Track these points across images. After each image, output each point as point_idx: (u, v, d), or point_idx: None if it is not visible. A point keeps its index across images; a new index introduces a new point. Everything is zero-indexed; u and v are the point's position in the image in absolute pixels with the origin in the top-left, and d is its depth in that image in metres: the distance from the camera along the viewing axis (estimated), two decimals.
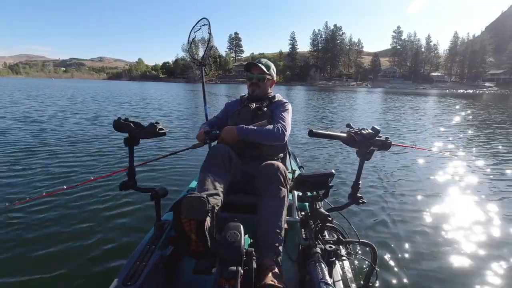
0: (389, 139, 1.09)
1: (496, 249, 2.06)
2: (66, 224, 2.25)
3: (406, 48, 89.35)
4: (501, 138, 6.35)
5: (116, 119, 1.16)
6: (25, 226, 2.19)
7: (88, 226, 2.24)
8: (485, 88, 68.16)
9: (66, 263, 1.79)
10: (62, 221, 2.28)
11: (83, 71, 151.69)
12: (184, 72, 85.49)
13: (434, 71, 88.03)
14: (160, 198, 1.26)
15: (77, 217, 2.37)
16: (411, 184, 3.32)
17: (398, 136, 6.57)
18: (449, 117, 10.62)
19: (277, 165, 1.30)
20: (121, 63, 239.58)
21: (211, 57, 2.27)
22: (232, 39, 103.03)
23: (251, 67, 1.70)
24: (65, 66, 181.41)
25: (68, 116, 8.29)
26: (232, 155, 1.40)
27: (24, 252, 1.89)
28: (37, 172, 3.33)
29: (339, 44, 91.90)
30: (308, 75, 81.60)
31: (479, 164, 4.16)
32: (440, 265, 1.86)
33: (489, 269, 1.84)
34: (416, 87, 70.48)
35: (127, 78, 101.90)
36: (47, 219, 2.31)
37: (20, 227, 2.17)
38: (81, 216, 2.39)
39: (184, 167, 3.74)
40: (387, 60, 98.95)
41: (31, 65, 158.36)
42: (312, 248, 1.12)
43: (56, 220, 2.29)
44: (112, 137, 5.40)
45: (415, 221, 2.43)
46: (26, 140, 4.92)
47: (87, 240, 2.05)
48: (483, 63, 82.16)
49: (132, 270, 1.04)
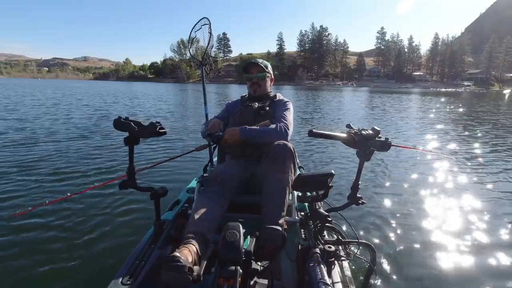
0: (389, 140, 1.10)
1: (496, 249, 2.06)
2: (66, 224, 2.26)
3: (390, 48, 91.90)
4: (499, 137, 6.48)
5: (116, 118, 1.15)
6: (26, 227, 2.18)
7: (88, 226, 2.24)
8: (464, 86, 71.16)
9: (66, 262, 1.80)
10: (62, 222, 2.29)
11: (68, 71, 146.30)
12: (173, 72, 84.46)
13: (416, 71, 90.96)
14: (160, 198, 1.26)
15: (77, 217, 2.37)
16: (411, 185, 3.34)
17: (387, 133, 6.69)
18: (439, 116, 10.90)
19: (285, 143, 1.31)
20: (107, 63, 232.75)
21: (211, 57, 2.23)
22: (220, 39, 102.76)
23: (249, 67, 1.69)
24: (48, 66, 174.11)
25: (67, 118, 8.16)
26: (233, 180, 1.36)
27: (24, 253, 1.89)
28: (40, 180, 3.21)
29: (326, 44, 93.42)
30: (295, 75, 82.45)
31: (479, 164, 4.21)
32: (439, 265, 1.87)
33: (489, 268, 1.85)
34: (399, 86, 72.62)
35: (114, 78, 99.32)
36: (47, 220, 2.30)
37: (21, 229, 2.16)
38: (81, 216, 2.40)
39: (183, 166, 3.70)
40: (372, 60, 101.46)
41: (12, 64, 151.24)
42: (311, 248, 1.12)
43: (56, 221, 2.29)
44: (114, 139, 5.31)
45: (414, 221, 2.45)
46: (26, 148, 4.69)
47: (87, 240, 2.06)
48: (462, 63, 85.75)
49: (131, 269, 1.04)
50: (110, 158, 4.13)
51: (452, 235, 2.25)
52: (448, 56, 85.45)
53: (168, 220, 1.37)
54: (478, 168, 4.05)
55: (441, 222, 2.45)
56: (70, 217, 2.37)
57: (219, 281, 0.89)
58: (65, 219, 2.33)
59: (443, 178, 3.59)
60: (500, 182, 3.50)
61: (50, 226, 2.23)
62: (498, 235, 2.26)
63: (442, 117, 10.29)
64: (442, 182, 3.43)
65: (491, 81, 79.10)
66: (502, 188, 3.29)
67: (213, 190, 1.26)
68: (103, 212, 2.45)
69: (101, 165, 3.80)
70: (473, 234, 2.27)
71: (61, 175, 3.39)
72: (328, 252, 1.10)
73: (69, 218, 2.35)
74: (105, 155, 4.34)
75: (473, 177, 3.63)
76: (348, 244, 1.22)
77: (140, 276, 1.01)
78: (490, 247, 2.10)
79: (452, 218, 2.53)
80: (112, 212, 2.46)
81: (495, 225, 2.41)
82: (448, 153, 4.85)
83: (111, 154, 4.35)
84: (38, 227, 2.20)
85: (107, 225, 2.26)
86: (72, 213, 2.42)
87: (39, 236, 2.09)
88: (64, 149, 4.62)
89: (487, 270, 1.84)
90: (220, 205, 1.24)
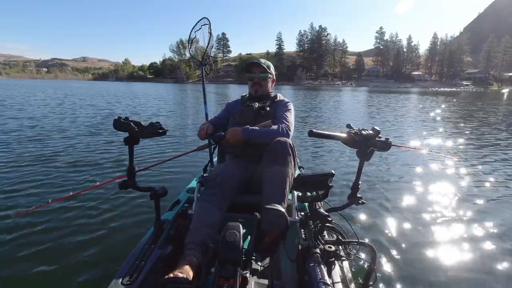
0: (389, 140, 1.10)
1: (497, 248, 2.05)
2: (66, 224, 2.26)
3: (389, 48, 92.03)
4: (499, 136, 6.49)
5: (116, 118, 1.15)
6: (27, 229, 2.18)
7: (88, 226, 2.25)
8: (463, 86, 71.40)
9: (66, 262, 1.80)
10: (62, 223, 2.29)
11: (67, 72, 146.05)
12: (172, 72, 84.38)
13: (415, 71, 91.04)
14: (160, 198, 1.26)
15: (78, 217, 2.37)
16: (411, 184, 3.34)
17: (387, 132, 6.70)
18: (439, 115, 10.92)
19: (285, 140, 1.33)
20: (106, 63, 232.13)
21: (211, 57, 2.23)
22: (220, 39, 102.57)
23: (252, 67, 1.69)
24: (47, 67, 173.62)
25: (73, 117, 8.24)
26: (233, 181, 1.36)
27: (25, 253, 1.89)
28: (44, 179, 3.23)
29: (325, 44, 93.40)
30: (295, 75, 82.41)
31: (479, 164, 4.21)
32: (440, 265, 1.88)
33: (489, 268, 1.85)
34: (398, 86, 72.66)
35: (114, 78, 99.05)
36: (47, 222, 2.29)
37: (22, 230, 2.16)
38: (81, 216, 2.41)
39: (183, 166, 3.70)
40: (371, 60, 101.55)
41: (11, 65, 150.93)
42: (311, 248, 1.12)
43: (56, 223, 2.29)
44: (115, 139, 5.32)
45: (414, 221, 2.44)
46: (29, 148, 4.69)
47: (87, 240, 2.06)
48: (461, 62, 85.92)
49: (131, 269, 1.04)
50: (113, 158, 4.14)
51: (452, 235, 2.25)
52: (447, 56, 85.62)
53: (168, 220, 1.37)
54: (478, 167, 4.06)
55: (441, 222, 2.45)
56: (70, 217, 2.37)
57: (219, 281, 0.90)
58: (65, 219, 2.33)
59: (443, 177, 3.59)
60: (500, 181, 3.50)
61: (51, 226, 2.23)
62: (499, 235, 2.26)
63: (442, 117, 10.32)
64: (442, 182, 3.43)
65: (489, 80, 79.28)
66: (502, 187, 3.30)
67: (212, 193, 1.27)
68: (103, 212, 2.46)
69: (104, 164, 3.82)
70: (474, 233, 2.27)
71: (63, 173, 3.42)
72: (328, 252, 1.10)
73: (70, 218, 2.36)
74: (110, 153, 4.37)
75: (474, 177, 3.63)
76: (348, 244, 1.22)
77: (140, 276, 1.01)
78: (490, 246, 2.09)
79: (452, 218, 2.53)
80: (112, 212, 2.46)
81: (496, 225, 2.41)
82: (448, 153, 4.86)
83: (115, 153, 4.36)
84: (39, 226, 2.21)
85: (107, 225, 2.26)
86: (72, 213, 2.43)
87: (39, 236, 2.09)
88: (68, 147, 4.67)
89: (487, 270, 1.84)
90: (220, 208, 1.25)
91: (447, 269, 1.85)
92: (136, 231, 2.14)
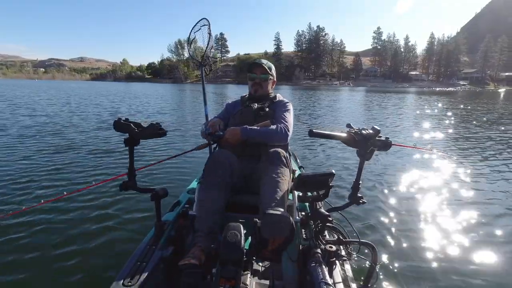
0: (389, 139, 1.10)
1: (497, 249, 2.06)
2: (66, 225, 2.25)
3: (386, 48, 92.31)
4: (498, 135, 6.53)
5: (116, 119, 1.15)
6: (26, 230, 2.16)
7: (89, 227, 2.25)
8: (460, 86, 71.70)
9: (66, 263, 1.80)
10: (62, 224, 2.28)
11: (65, 72, 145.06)
12: (171, 73, 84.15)
13: (412, 70, 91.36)
14: (160, 199, 1.25)
15: (77, 218, 2.37)
16: (412, 184, 3.34)
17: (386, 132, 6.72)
18: (438, 115, 10.98)
19: (279, 150, 1.38)
20: (104, 63, 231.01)
21: (211, 58, 2.23)
22: (218, 39, 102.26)
23: (254, 67, 1.70)
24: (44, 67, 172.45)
25: (66, 118, 8.17)
26: (232, 161, 1.39)
27: (25, 254, 1.89)
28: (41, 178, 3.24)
29: (323, 44, 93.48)
30: (293, 75, 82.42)
31: (480, 163, 4.24)
32: (440, 265, 1.88)
33: (490, 268, 1.86)
34: (396, 85, 72.91)
35: (112, 78, 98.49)
36: (48, 222, 2.29)
37: (20, 232, 2.14)
38: (82, 216, 2.40)
39: (184, 166, 3.70)
40: (369, 60, 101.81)
41: (8, 65, 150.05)
42: (312, 248, 1.12)
43: (56, 223, 2.29)
44: (113, 139, 5.32)
45: (415, 221, 2.45)
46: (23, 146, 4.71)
47: (87, 241, 2.05)
48: (458, 62, 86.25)
49: (132, 271, 1.04)
50: (115, 157, 4.16)
51: (453, 234, 2.25)
52: (444, 56, 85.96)
53: (169, 221, 1.37)
54: (478, 166, 4.08)
55: (442, 221, 2.45)
56: (70, 217, 2.37)
57: (220, 282, 0.90)
58: (65, 220, 2.33)
59: (444, 176, 3.60)
60: (501, 180, 3.52)
61: (51, 226, 2.25)
62: (499, 235, 2.26)
63: (441, 116, 10.37)
64: (443, 181, 3.44)
65: (486, 80, 79.75)
66: (503, 186, 3.31)
67: (213, 182, 1.30)
68: (104, 214, 2.46)
69: (105, 164, 3.83)
70: (474, 233, 2.28)
71: (62, 173, 3.42)
72: (329, 252, 1.09)
73: (70, 218, 2.35)
74: (111, 153, 4.38)
75: (474, 176, 3.65)
76: (349, 244, 1.22)
77: (142, 277, 1.01)
78: (491, 246, 2.10)
79: (453, 217, 2.53)
80: (113, 213, 2.46)
81: (497, 224, 2.41)
82: (449, 152, 4.88)
83: (117, 153, 4.37)
84: (39, 226, 2.20)
85: (108, 226, 2.26)
86: (72, 214, 2.43)
87: (39, 236, 2.08)
88: (74, 146, 4.74)
89: (488, 270, 1.85)
90: (223, 194, 1.30)
91: (448, 268, 1.85)
92: (136, 232, 2.14)
